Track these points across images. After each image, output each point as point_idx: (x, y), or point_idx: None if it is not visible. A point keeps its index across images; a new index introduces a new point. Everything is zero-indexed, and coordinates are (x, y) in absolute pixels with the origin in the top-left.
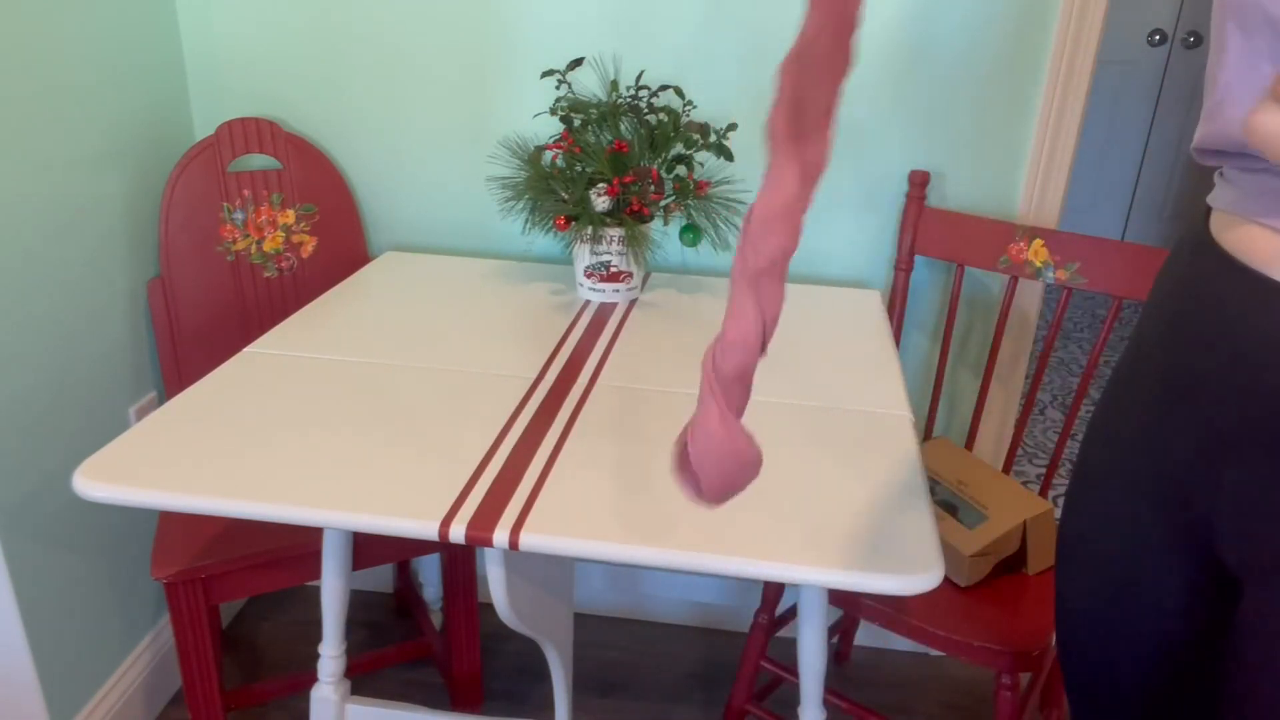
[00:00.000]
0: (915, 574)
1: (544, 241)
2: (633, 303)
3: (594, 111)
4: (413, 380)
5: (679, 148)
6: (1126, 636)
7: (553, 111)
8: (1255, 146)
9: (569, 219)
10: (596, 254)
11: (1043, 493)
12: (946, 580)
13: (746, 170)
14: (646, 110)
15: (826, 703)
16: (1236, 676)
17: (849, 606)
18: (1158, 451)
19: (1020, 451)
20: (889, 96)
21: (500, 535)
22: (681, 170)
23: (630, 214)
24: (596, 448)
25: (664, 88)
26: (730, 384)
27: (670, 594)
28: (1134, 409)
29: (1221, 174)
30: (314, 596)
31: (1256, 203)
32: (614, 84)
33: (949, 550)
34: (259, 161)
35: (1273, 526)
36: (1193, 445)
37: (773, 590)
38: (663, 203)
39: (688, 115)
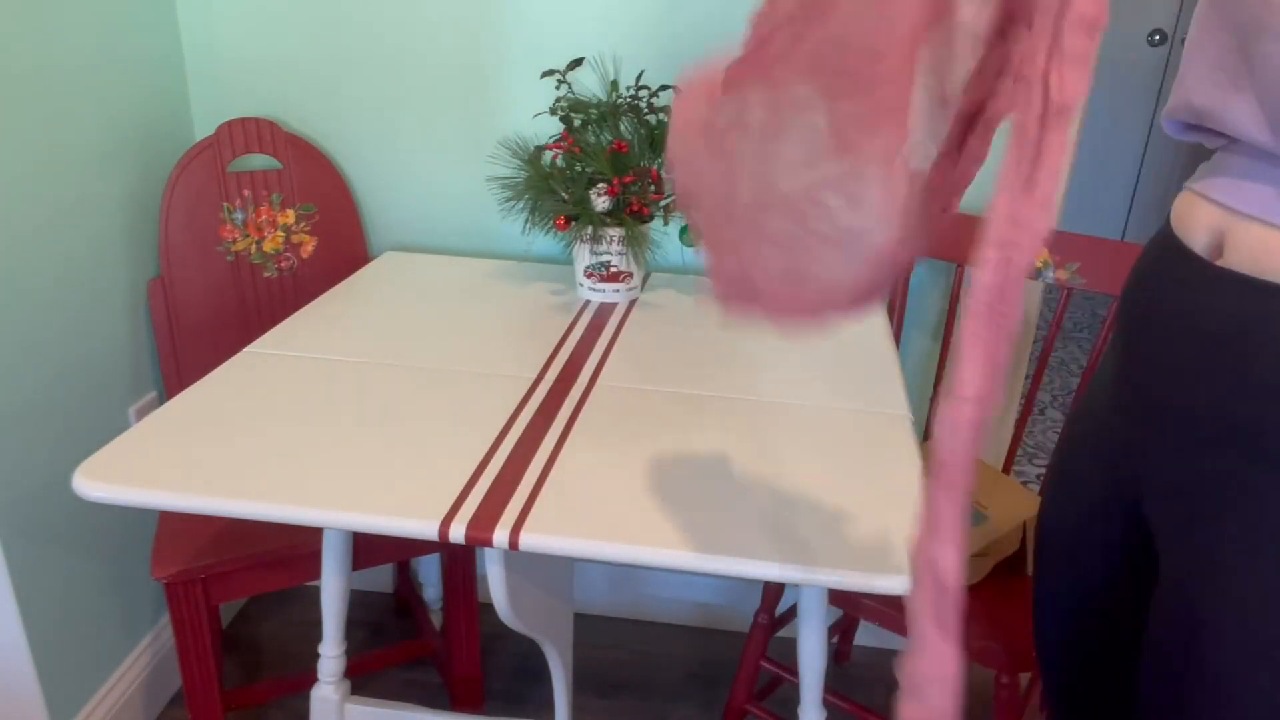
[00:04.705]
0: None
1: (544, 241)
2: (633, 303)
3: (594, 111)
4: (413, 380)
5: None
6: (1073, 598)
7: (553, 111)
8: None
9: (569, 219)
10: (596, 254)
11: (1042, 493)
12: None
13: None
14: (646, 110)
15: (826, 703)
16: (1149, 640)
17: (849, 606)
18: (1112, 425)
19: (1020, 451)
20: None
21: (500, 535)
22: None
23: (630, 214)
24: (596, 448)
25: (664, 88)
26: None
27: (670, 594)
28: (1098, 389)
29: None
30: (314, 596)
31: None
32: (614, 84)
33: None
34: (259, 161)
35: (1182, 492)
36: (1135, 415)
37: (773, 590)
38: (663, 203)
39: None
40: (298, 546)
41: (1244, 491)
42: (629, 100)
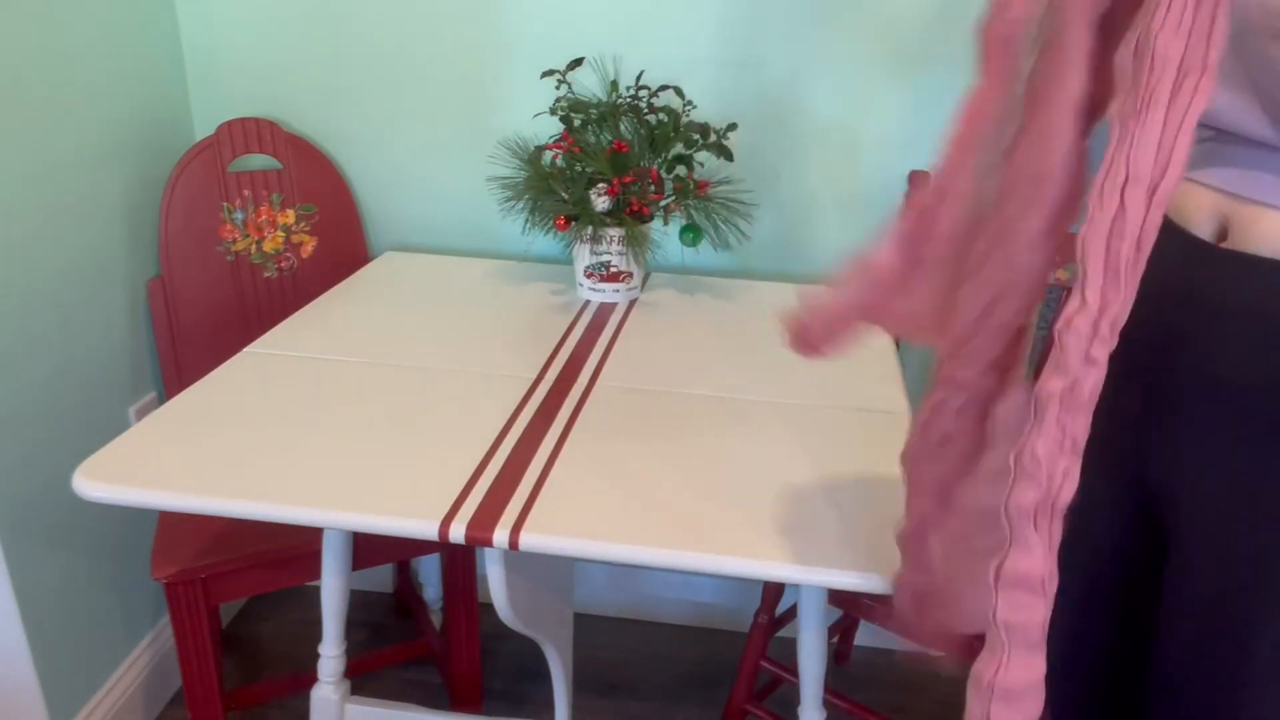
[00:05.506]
0: None
1: (544, 241)
2: (633, 303)
3: (594, 111)
4: (413, 380)
5: (679, 148)
6: (1075, 591)
7: (553, 111)
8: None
9: (569, 219)
10: (596, 254)
11: None
12: None
13: (746, 170)
14: (646, 110)
15: (826, 703)
16: (1162, 630)
17: (849, 606)
18: (1112, 415)
19: None
20: (889, 96)
21: (500, 535)
22: (681, 170)
23: (630, 214)
24: (597, 448)
25: (664, 88)
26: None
27: (670, 594)
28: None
29: None
30: (314, 596)
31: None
32: (614, 84)
33: None
34: (259, 161)
35: (1193, 479)
36: (1138, 402)
37: (773, 590)
38: (663, 203)
39: (688, 115)
40: (298, 546)
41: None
42: (629, 100)
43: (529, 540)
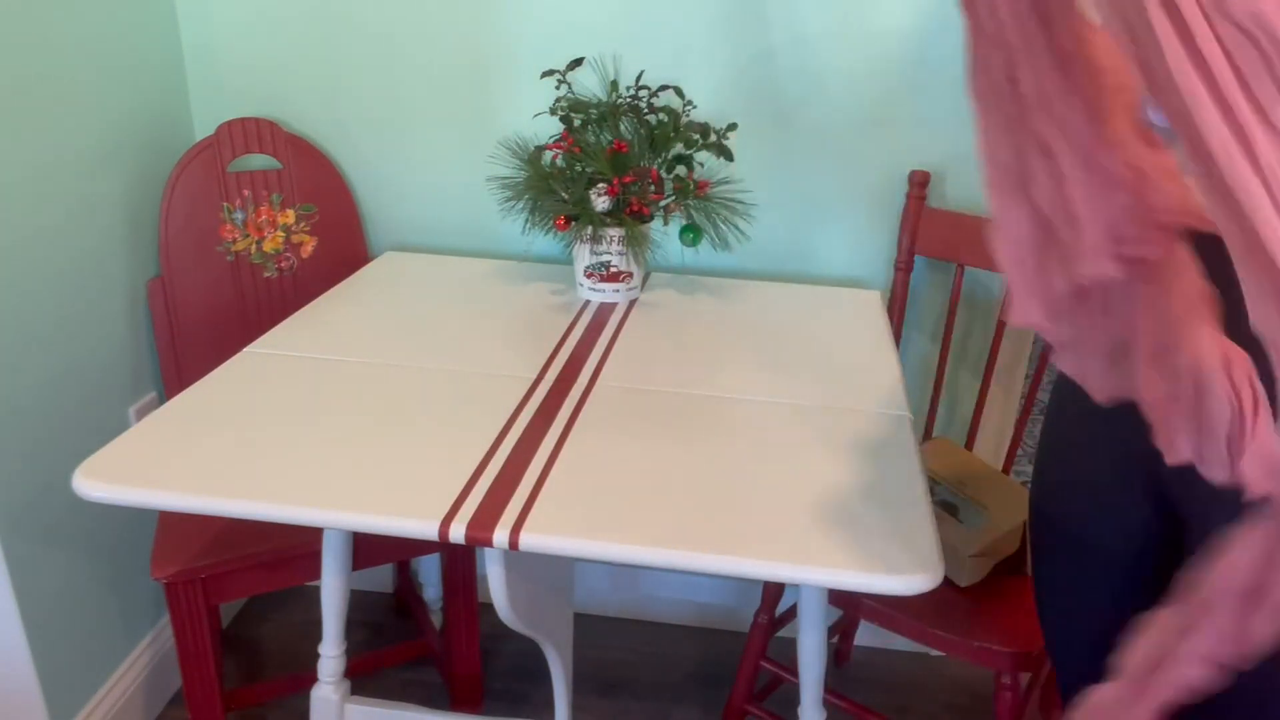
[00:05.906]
0: (915, 574)
1: (544, 241)
2: (633, 303)
3: (594, 111)
4: (413, 380)
5: (679, 148)
6: (1090, 581)
7: (553, 111)
8: None
9: (569, 219)
10: (596, 254)
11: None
12: (946, 580)
13: (746, 170)
14: (646, 110)
15: (826, 703)
16: None
17: (849, 606)
18: (1117, 409)
19: (1020, 451)
20: (889, 96)
21: (500, 535)
22: (681, 170)
23: (630, 214)
24: (596, 448)
25: (664, 88)
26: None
27: (670, 594)
28: None
29: None
30: (314, 596)
31: None
32: (614, 84)
33: (949, 550)
34: (259, 161)
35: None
36: None
37: (773, 590)
38: (663, 203)
39: (688, 115)
40: (298, 546)
41: None
42: (629, 100)
43: (529, 540)
